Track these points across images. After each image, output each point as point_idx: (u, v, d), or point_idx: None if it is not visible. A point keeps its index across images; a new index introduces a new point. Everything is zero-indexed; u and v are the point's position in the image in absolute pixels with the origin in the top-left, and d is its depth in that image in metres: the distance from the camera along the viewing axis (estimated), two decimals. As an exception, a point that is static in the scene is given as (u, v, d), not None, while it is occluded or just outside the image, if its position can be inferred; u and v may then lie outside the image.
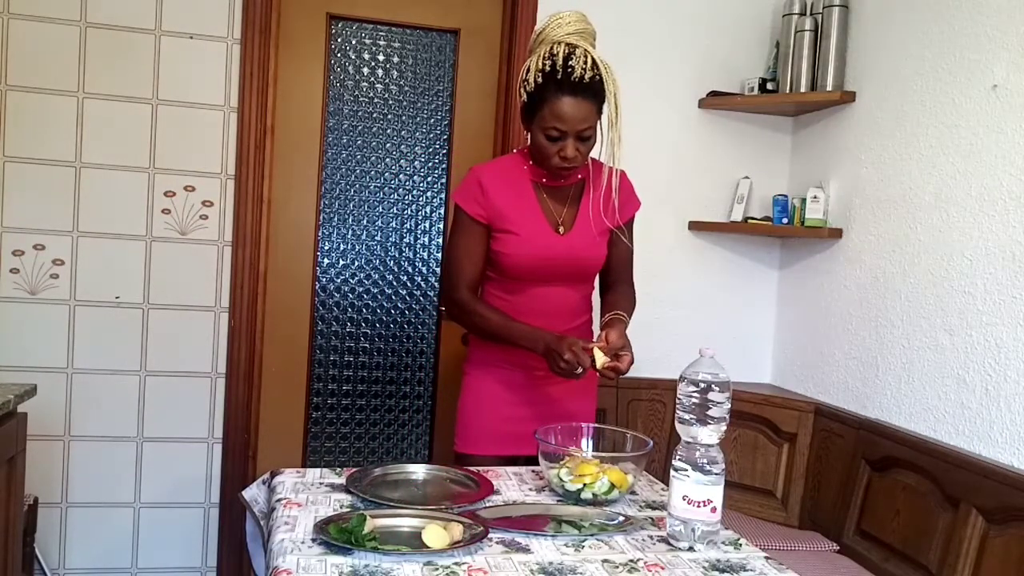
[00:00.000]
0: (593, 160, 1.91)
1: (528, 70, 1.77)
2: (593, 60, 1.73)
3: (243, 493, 1.74)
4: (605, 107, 1.78)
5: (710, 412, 1.36)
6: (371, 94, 2.83)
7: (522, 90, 1.79)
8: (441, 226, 2.89)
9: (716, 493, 1.37)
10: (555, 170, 1.82)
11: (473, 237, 1.88)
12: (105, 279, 2.58)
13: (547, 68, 1.73)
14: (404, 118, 2.85)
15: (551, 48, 1.74)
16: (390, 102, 2.84)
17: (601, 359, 1.71)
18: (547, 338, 1.76)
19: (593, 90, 1.73)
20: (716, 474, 1.37)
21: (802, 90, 2.74)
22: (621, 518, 1.48)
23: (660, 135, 2.89)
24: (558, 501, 1.59)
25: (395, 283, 2.88)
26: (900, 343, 2.42)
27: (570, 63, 1.71)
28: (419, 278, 2.90)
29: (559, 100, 1.72)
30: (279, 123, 2.73)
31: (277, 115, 2.72)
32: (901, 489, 2.23)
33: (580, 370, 1.70)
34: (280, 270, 2.77)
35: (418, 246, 2.89)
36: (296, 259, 2.78)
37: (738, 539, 1.45)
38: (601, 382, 1.98)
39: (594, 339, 1.81)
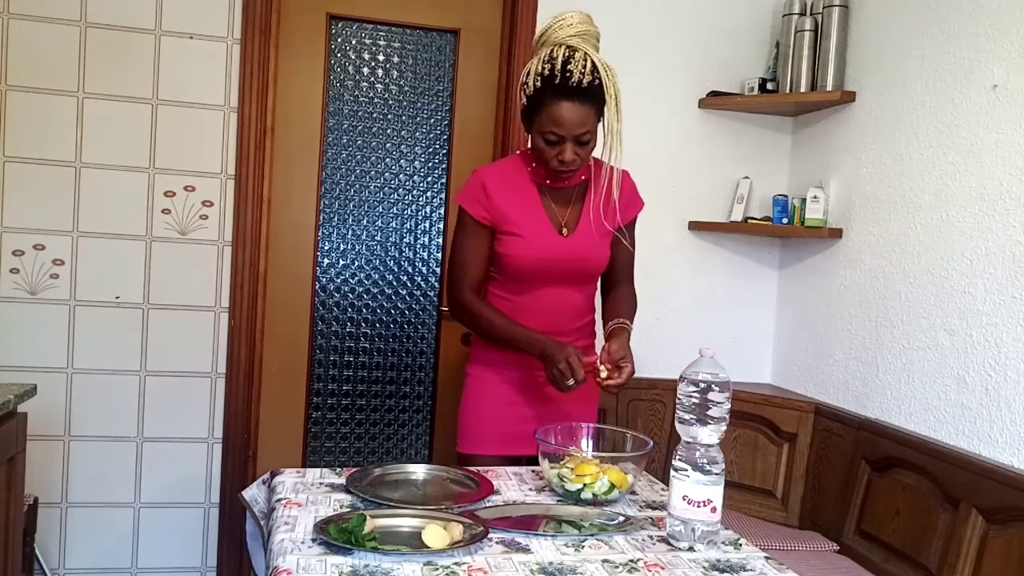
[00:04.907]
0: (596, 161, 1.90)
1: (528, 73, 1.76)
2: (593, 64, 1.71)
3: (243, 493, 1.74)
4: (605, 110, 1.76)
5: (710, 412, 1.36)
6: (371, 94, 2.83)
7: (522, 93, 1.79)
8: (441, 226, 2.89)
9: (716, 493, 1.37)
10: (555, 173, 1.82)
11: (477, 239, 1.88)
12: (105, 279, 2.58)
13: (546, 72, 1.71)
14: (404, 118, 2.85)
15: (551, 51, 1.72)
16: (390, 102, 2.84)
17: (604, 374, 1.71)
18: (547, 344, 1.76)
19: (592, 94, 1.72)
20: (716, 474, 1.37)
21: (802, 90, 2.74)
22: (621, 518, 1.48)
23: (660, 135, 2.89)
24: (558, 501, 1.59)
25: (395, 283, 2.88)
26: (900, 343, 2.42)
27: (568, 67, 1.69)
28: (419, 278, 2.90)
29: (556, 105, 1.71)
30: (279, 123, 2.73)
31: (277, 115, 2.72)
32: (901, 489, 2.23)
33: (571, 382, 1.69)
34: (280, 270, 2.77)
35: (418, 246, 2.89)
36: (296, 259, 2.78)
37: (738, 539, 1.45)
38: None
39: (596, 343, 1.81)
